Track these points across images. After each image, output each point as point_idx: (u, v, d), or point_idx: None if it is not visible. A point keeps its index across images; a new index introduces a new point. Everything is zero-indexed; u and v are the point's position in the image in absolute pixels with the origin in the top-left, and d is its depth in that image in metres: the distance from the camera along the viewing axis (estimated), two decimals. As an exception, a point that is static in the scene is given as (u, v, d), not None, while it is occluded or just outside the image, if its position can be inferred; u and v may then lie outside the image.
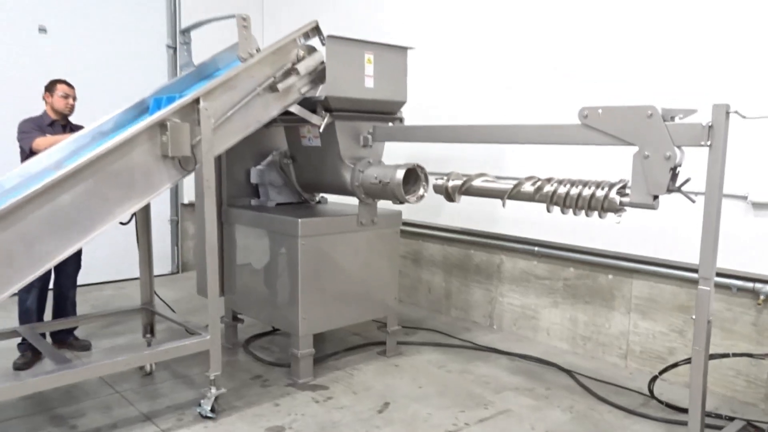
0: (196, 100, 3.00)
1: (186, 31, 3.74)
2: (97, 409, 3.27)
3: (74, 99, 4.01)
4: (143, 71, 6.09)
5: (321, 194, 4.43)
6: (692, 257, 2.72)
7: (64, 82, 3.99)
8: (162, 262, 6.44)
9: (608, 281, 4.08)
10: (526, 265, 4.55)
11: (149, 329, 3.88)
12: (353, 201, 3.98)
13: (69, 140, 3.31)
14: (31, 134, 3.80)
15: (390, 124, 3.94)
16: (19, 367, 3.78)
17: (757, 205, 3.31)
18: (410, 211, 4.31)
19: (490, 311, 4.82)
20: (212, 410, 3.15)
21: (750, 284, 3.36)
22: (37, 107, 4.05)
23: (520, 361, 4.07)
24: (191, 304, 5.21)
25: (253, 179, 4.27)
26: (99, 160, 2.76)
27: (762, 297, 3.31)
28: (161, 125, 2.90)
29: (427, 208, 4.76)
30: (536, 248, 4.41)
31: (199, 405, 3.18)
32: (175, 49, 6.30)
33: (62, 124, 4.01)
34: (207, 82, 3.63)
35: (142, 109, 3.55)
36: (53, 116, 3.96)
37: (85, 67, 5.70)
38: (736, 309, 3.47)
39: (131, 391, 3.50)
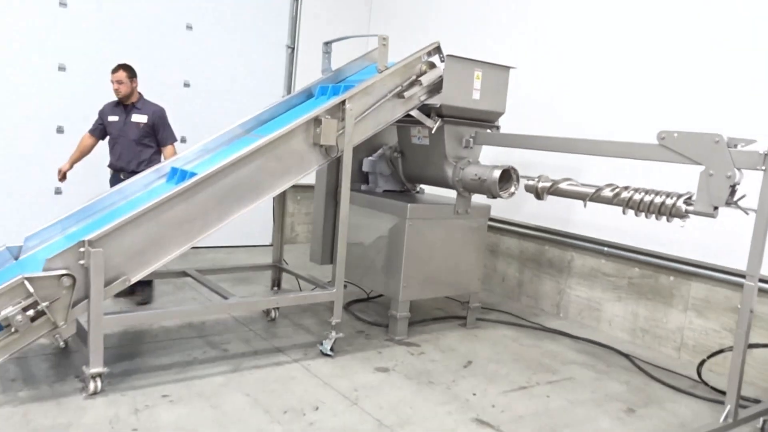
0: (343, 102, 3.77)
1: (328, 43, 4.51)
2: (239, 340, 4.11)
3: (120, 83, 4.62)
4: (266, 66, 7.03)
5: (420, 185, 5.15)
6: (744, 265, 3.28)
7: (113, 70, 4.67)
8: (265, 234, 7.34)
9: (669, 282, 4.63)
10: (594, 262, 5.14)
11: (277, 283, 4.72)
12: (447, 193, 4.70)
13: (239, 123, 4.17)
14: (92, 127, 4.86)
15: (488, 130, 4.61)
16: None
17: (809, 225, 3.81)
18: (491, 208, 4.96)
19: (558, 301, 5.44)
20: (331, 349, 3.93)
21: (796, 292, 3.87)
22: (180, 95, 4.98)
23: (583, 344, 4.68)
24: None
25: (365, 168, 5.03)
26: (269, 144, 3.55)
27: (806, 304, 3.82)
28: (316, 120, 3.68)
29: (506, 207, 5.44)
30: (605, 248, 5.00)
31: (321, 344, 3.97)
32: (293, 49, 7.17)
33: (124, 104, 4.76)
34: (343, 85, 4.44)
35: (290, 105, 4.36)
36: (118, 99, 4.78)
37: (221, 59, 6.67)
38: (782, 313, 3.98)
39: (262, 331, 4.32)
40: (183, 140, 6.57)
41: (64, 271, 2.95)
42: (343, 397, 3.37)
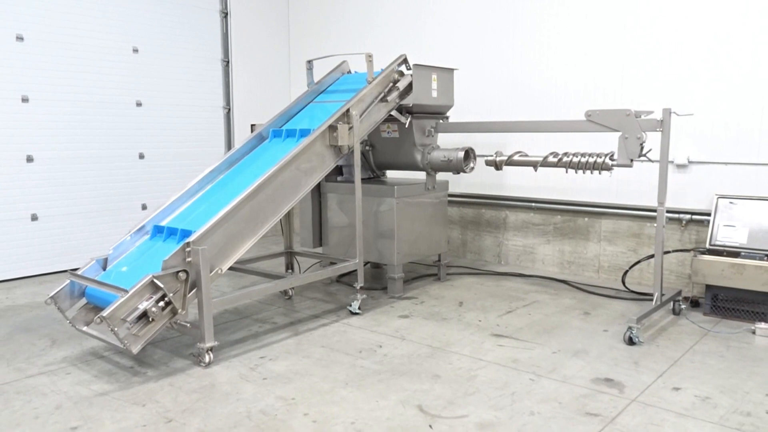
0: (347, 110, 4.70)
1: (310, 61, 5.37)
2: (278, 314, 4.92)
3: None
4: (206, 79, 7.62)
5: (384, 171, 6.18)
6: (638, 201, 4.71)
7: None
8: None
9: (585, 222, 6.10)
10: (525, 216, 6.52)
11: (290, 266, 5.55)
12: (405, 175, 5.79)
13: (276, 117, 5.08)
14: None
15: (440, 120, 5.75)
16: None
17: (679, 166, 5.41)
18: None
19: (498, 252, 6.77)
20: (359, 308, 4.88)
21: (676, 215, 5.47)
22: (135, 114, 5.70)
23: (530, 279, 6.03)
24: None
25: (340, 161, 5.95)
26: (299, 153, 4.41)
27: (684, 222, 5.42)
28: (331, 127, 4.59)
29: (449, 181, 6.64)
30: (533, 204, 6.38)
31: (350, 305, 4.90)
32: (227, 62, 7.81)
33: None
34: (325, 95, 5.35)
35: (310, 99, 5.38)
36: None
37: (166, 77, 7.18)
38: (669, 231, 5.56)
39: (289, 307, 5.15)
40: (141, 156, 7.06)
41: (180, 268, 3.65)
42: (392, 337, 4.37)
